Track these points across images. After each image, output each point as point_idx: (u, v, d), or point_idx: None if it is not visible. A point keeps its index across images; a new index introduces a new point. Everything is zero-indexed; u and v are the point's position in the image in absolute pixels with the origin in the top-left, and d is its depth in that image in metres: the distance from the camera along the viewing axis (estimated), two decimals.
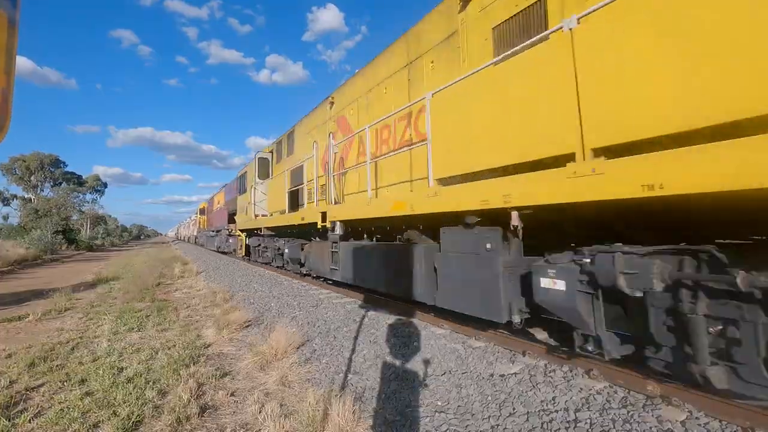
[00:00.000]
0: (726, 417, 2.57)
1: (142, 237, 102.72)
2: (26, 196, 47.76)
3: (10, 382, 3.98)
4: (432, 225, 4.88)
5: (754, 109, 1.98)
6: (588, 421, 2.71)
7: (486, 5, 4.65)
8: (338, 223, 6.70)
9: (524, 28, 4.16)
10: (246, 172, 15.63)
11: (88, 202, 54.68)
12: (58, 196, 44.50)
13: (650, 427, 2.56)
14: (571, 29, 2.84)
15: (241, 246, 15.30)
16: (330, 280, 8.19)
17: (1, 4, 0.82)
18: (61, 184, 50.91)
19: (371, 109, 6.97)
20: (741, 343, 2.34)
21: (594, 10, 2.73)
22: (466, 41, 4.92)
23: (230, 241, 18.79)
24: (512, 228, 3.43)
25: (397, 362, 4.04)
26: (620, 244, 2.90)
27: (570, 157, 2.84)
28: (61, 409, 3.31)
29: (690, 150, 2.18)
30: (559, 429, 2.66)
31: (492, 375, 3.55)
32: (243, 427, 3.03)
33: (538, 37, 3.32)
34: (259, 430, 2.95)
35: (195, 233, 38.61)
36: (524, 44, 3.39)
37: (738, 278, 2.22)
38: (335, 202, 7.24)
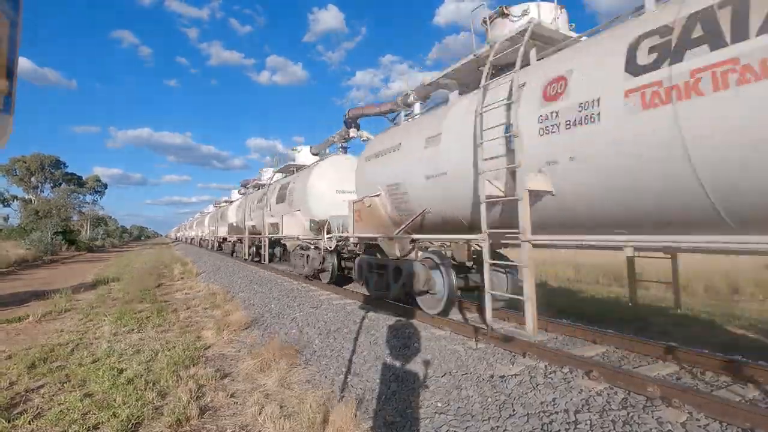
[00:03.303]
0: (726, 418, 2.57)
1: (142, 238, 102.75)
2: (26, 197, 47.70)
3: (10, 383, 3.98)
4: None
5: None
6: (588, 422, 2.70)
7: None
8: None
9: None
10: None
11: (88, 203, 54.63)
12: (58, 197, 44.49)
13: (650, 429, 2.56)
14: None
15: None
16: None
17: (2, 7, 0.82)
18: (61, 185, 50.80)
19: None
20: None
21: None
22: None
23: None
24: None
25: (398, 363, 4.03)
26: None
27: None
28: (60, 411, 3.31)
29: None
30: (559, 430, 2.66)
31: (492, 376, 3.54)
32: (243, 429, 3.03)
33: None
34: (259, 431, 2.95)
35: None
36: None
37: None
38: None
